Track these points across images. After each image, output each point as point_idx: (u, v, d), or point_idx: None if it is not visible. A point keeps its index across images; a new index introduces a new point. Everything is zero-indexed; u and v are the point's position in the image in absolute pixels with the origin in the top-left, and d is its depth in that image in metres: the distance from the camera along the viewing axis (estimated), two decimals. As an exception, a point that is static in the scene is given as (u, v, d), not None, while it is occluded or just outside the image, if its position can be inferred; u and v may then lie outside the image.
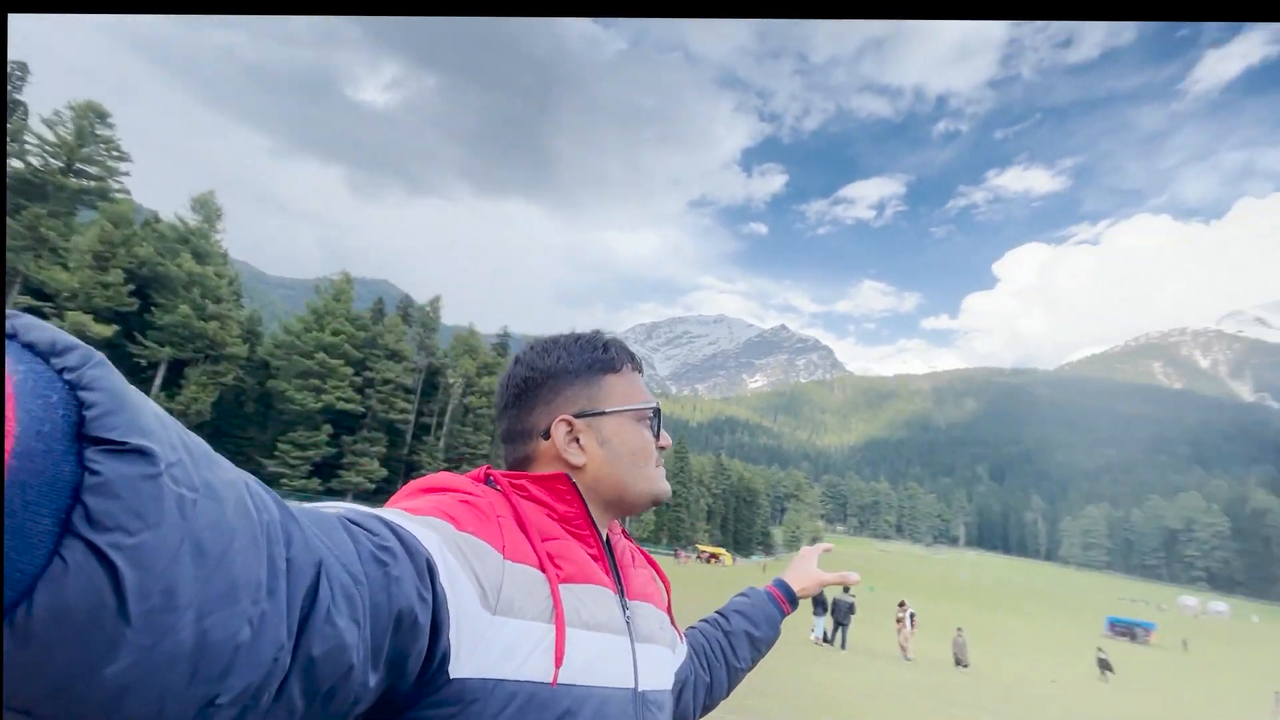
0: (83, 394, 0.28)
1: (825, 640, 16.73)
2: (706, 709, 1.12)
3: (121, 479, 0.28)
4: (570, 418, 0.82)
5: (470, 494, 0.71)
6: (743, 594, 1.34)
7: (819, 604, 16.99)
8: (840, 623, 16.77)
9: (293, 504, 0.43)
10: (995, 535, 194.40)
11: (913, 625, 18.61)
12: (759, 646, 1.25)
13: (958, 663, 17.88)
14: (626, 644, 0.77)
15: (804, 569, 1.38)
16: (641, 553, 0.97)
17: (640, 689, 0.77)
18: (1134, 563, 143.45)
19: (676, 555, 63.06)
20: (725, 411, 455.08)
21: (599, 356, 0.87)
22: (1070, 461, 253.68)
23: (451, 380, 57.07)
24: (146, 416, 0.31)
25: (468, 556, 0.61)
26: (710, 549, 69.34)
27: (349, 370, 44.63)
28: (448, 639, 0.56)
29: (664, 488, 0.89)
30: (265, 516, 0.38)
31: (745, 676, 1.23)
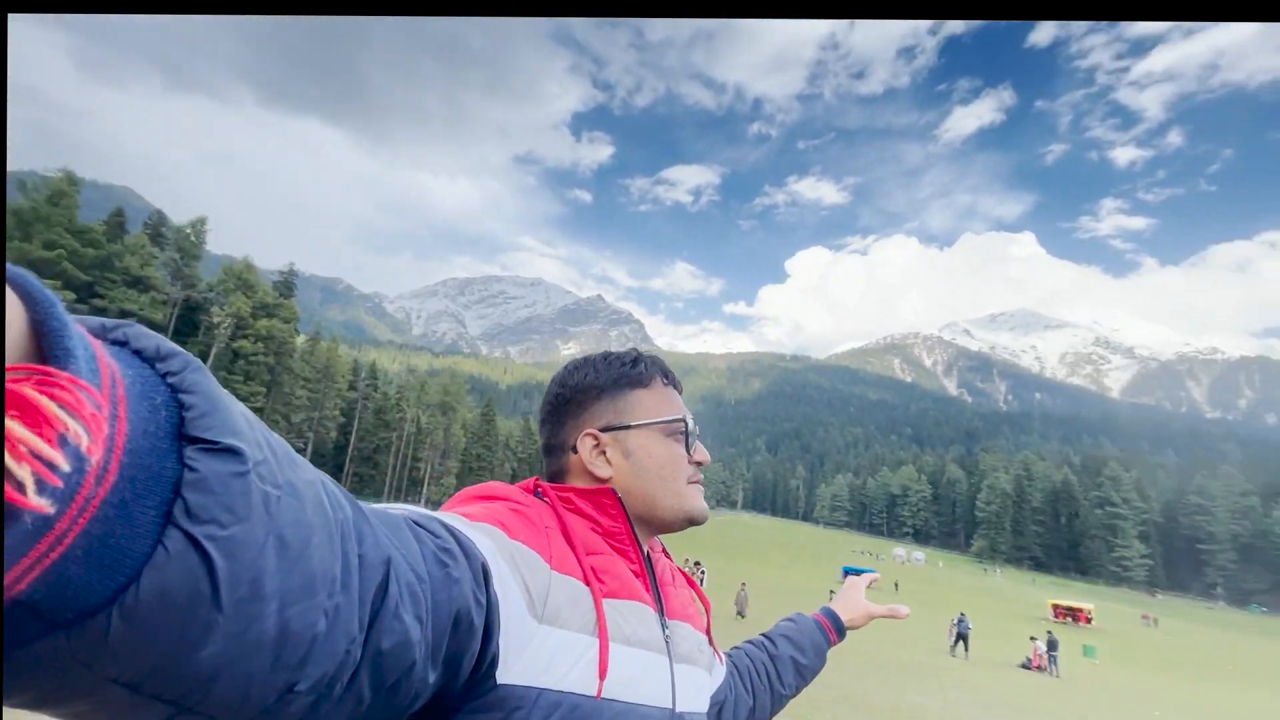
0: (183, 396, 0.30)
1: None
2: None
3: (215, 475, 0.30)
4: (595, 431, 0.83)
5: (520, 503, 0.72)
6: (789, 619, 1.31)
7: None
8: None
9: (363, 504, 0.45)
10: (766, 499, 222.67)
11: (703, 581, 20.11)
12: (804, 674, 1.22)
13: (739, 614, 19.78)
14: (665, 663, 0.76)
15: (852, 600, 1.33)
16: (681, 573, 0.97)
17: (678, 710, 0.75)
18: (866, 522, 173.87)
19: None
20: (537, 377, 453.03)
21: (627, 372, 0.87)
22: (828, 438, 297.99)
23: (218, 319, 48.03)
24: (237, 418, 0.33)
25: (518, 564, 0.61)
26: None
27: (70, 296, 35.38)
28: (497, 643, 0.56)
29: (697, 505, 0.86)
30: (340, 515, 0.40)
31: (789, 703, 1.19)
